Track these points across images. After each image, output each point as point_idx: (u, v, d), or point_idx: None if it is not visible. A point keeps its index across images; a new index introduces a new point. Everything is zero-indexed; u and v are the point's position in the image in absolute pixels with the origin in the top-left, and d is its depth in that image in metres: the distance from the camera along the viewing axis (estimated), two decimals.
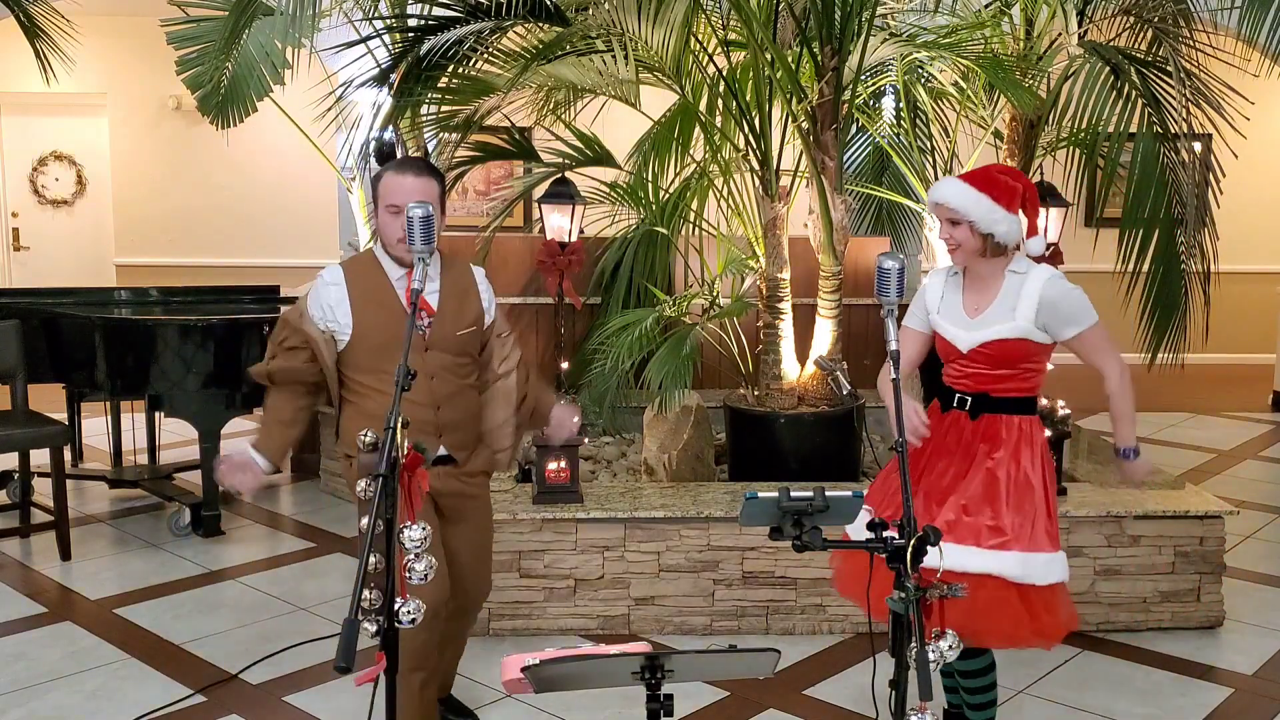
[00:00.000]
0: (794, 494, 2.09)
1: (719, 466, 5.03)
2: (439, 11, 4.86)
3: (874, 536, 2.09)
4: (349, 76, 5.26)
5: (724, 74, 4.84)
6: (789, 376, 4.74)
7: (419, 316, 2.83)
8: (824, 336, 4.70)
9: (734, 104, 4.75)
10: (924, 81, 5.36)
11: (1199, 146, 4.71)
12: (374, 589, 2.21)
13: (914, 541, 2.05)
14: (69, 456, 5.68)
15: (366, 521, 2.18)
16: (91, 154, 9.97)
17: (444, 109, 5.06)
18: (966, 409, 2.91)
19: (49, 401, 5.69)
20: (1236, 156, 4.61)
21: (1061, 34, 4.92)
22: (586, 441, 4.95)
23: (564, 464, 4.08)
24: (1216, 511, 4.11)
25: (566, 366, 5.48)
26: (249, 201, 9.67)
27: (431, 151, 5.42)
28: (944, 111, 5.69)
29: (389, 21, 5.41)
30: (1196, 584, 4.12)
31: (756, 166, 4.72)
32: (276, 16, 5.37)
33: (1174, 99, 4.59)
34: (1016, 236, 2.85)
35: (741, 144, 4.79)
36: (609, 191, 5.31)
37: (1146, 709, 3.55)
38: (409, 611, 2.23)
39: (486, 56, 4.89)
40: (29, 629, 4.14)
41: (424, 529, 2.29)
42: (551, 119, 5.17)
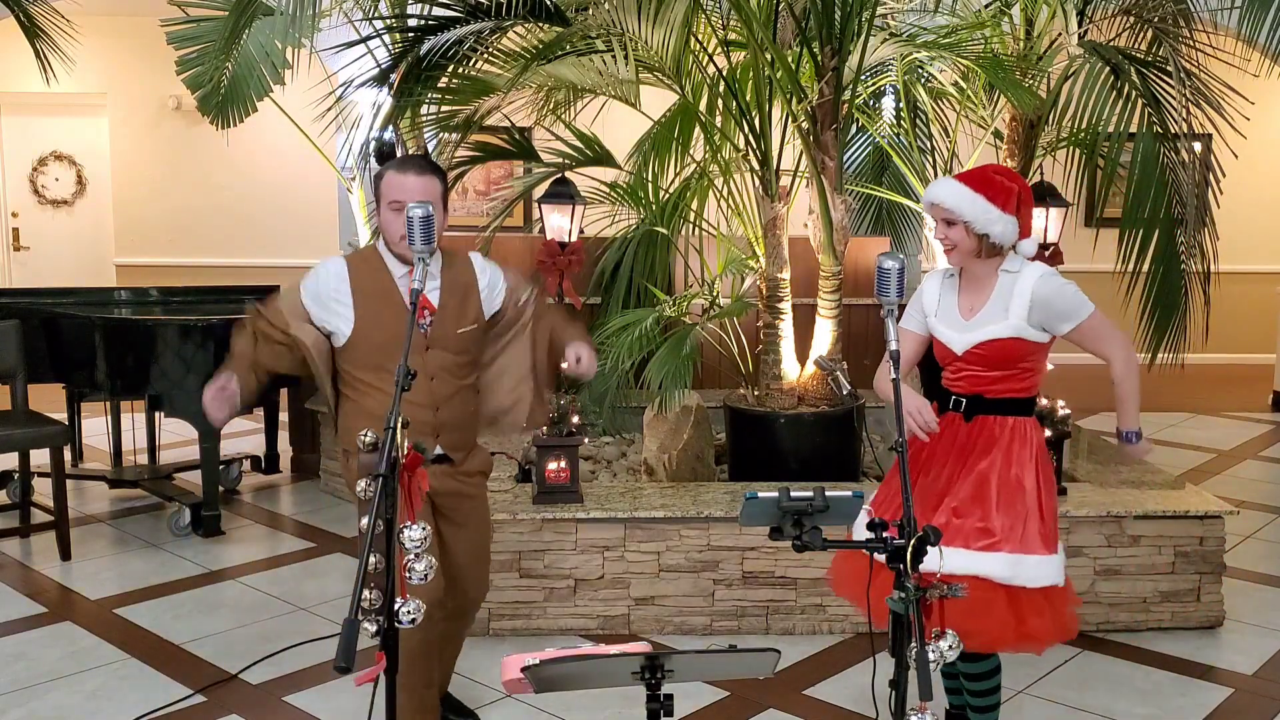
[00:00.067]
0: (794, 494, 2.09)
1: (719, 466, 5.03)
2: (439, 11, 4.86)
3: (874, 536, 2.09)
4: (349, 76, 5.26)
5: (724, 74, 4.84)
6: (789, 376, 4.75)
7: (420, 315, 2.83)
8: (824, 336, 4.70)
9: (734, 104, 4.75)
10: (924, 81, 5.36)
11: (1199, 146, 4.71)
12: (374, 589, 2.21)
13: (914, 541, 2.05)
14: (69, 456, 5.68)
15: (366, 521, 2.18)
16: (91, 154, 9.97)
17: (444, 109, 5.06)
18: (961, 410, 2.90)
19: (49, 401, 5.69)
20: (1236, 156, 4.61)
21: (1061, 34, 4.91)
22: (586, 441, 4.95)
23: (564, 464, 4.08)
24: (1216, 511, 4.11)
25: (566, 366, 5.47)
26: (249, 201, 9.67)
27: (431, 151, 5.42)
28: (944, 111, 5.69)
29: (389, 21, 5.41)
30: (1196, 584, 4.12)
31: (756, 166, 4.72)
32: (276, 16, 5.37)
33: (1174, 99, 4.59)
34: (1012, 237, 2.83)
35: (741, 144, 4.79)
36: (609, 191, 5.30)
37: (1146, 709, 3.55)
38: (409, 611, 2.23)
39: (486, 56, 4.89)
40: (29, 629, 4.15)
41: (424, 529, 2.29)
42: (551, 119, 5.17)
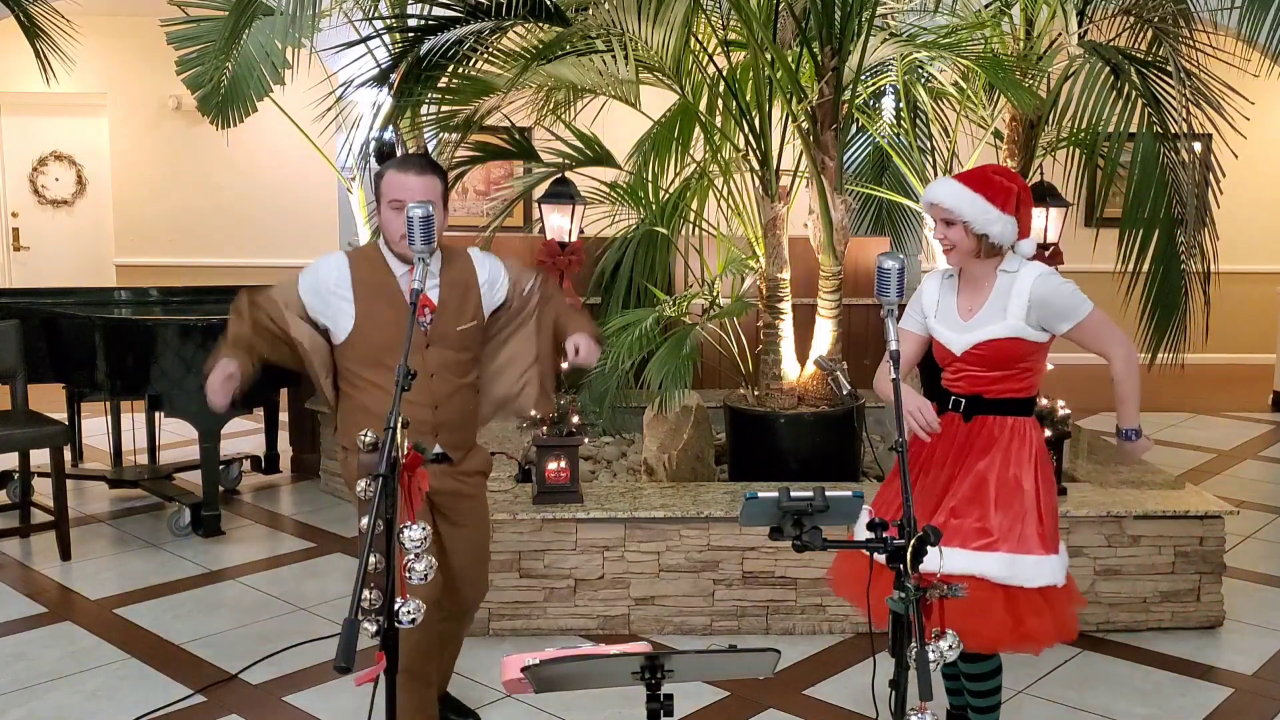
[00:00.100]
0: (794, 494, 2.09)
1: (719, 466, 5.03)
2: (439, 11, 4.86)
3: (874, 536, 2.09)
4: (349, 76, 5.26)
5: (724, 74, 4.84)
6: (789, 376, 4.75)
7: (420, 313, 2.83)
8: (824, 336, 4.70)
9: (734, 104, 4.75)
10: (924, 81, 5.36)
11: (1199, 146, 4.71)
12: (374, 589, 2.21)
13: (914, 541, 2.05)
14: (69, 456, 5.68)
15: (366, 521, 2.18)
16: (91, 154, 9.97)
17: (444, 109, 5.06)
18: (960, 411, 2.90)
19: (49, 401, 5.69)
20: (1236, 156, 4.61)
21: (1061, 34, 4.92)
22: (586, 441, 4.95)
23: (564, 464, 4.08)
24: (1216, 511, 4.11)
25: (566, 366, 5.47)
26: (249, 201, 9.67)
27: (431, 151, 5.42)
28: (944, 111, 5.69)
29: (389, 21, 5.41)
30: (1196, 584, 4.12)
31: (756, 166, 4.72)
32: (276, 16, 5.37)
33: (1174, 99, 4.59)
34: (1011, 237, 2.83)
35: (741, 144, 4.79)
36: (609, 191, 5.30)
37: (1146, 709, 3.55)
38: (409, 611, 2.23)
39: (486, 56, 4.89)
40: (29, 629, 4.15)
41: (424, 529, 2.29)
42: (551, 119, 5.17)
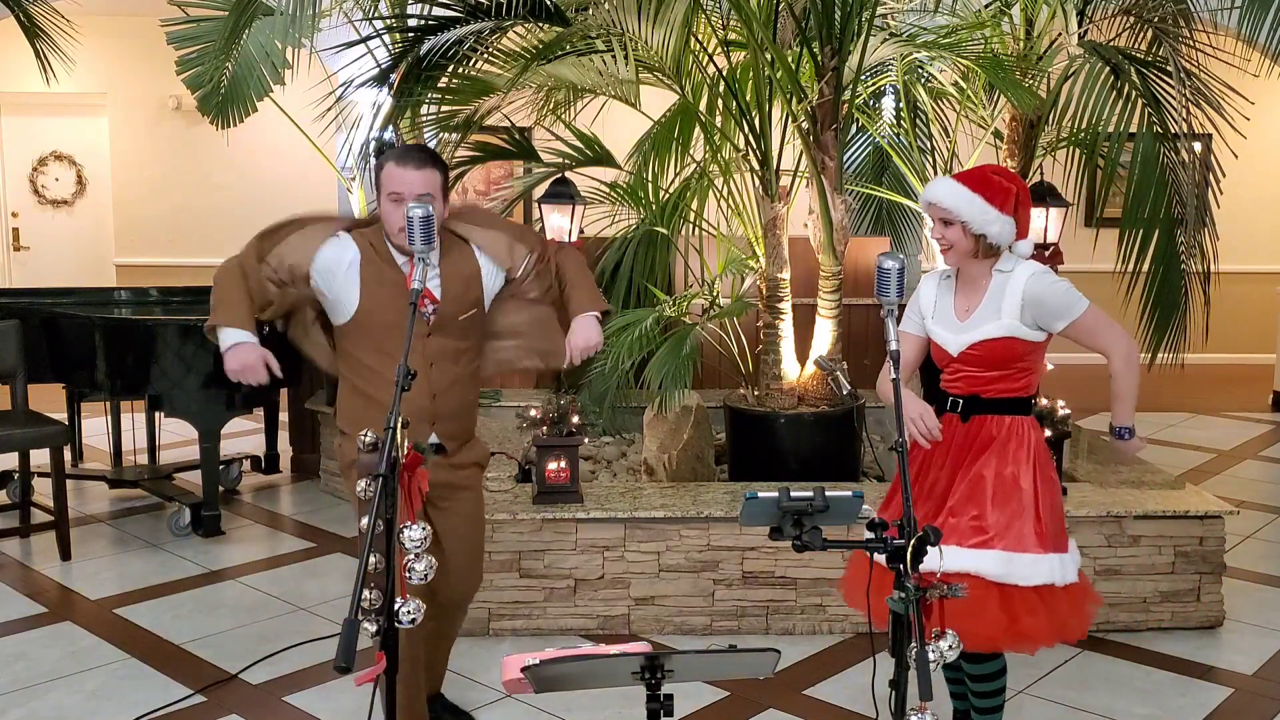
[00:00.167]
0: (794, 494, 2.09)
1: (719, 466, 5.03)
2: (439, 11, 4.86)
3: (874, 536, 2.09)
4: (349, 76, 5.26)
5: (724, 74, 4.84)
6: (789, 376, 4.75)
7: (421, 304, 2.82)
8: (824, 336, 4.70)
9: (734, 104, 4.76)
10: (924, 81, 5.36)
11: (1199, 146, 4.72)
12: (374, 589, 2.21)
13: (914, 541, 2.05)
14: (69, 456, 5.68)
15: (366, 521, 2.18)
16: (91, 154, 9.97)
17: (444, 109, 5.06)
18: (958, 411, 2.90)
19: (49, 401, 5.69)
20: (1236, 156, 4.61)
21: (1061, 34, 4.92)
22: (586, 441, 4.95)
23: (564, 464, 4.08)
24: (1216, 511, 4.11)
25: (566, 366, 5.47)
26: (249, 202, 9.65)
27: None
28: (944, 111, 5.69)
29: (389, 21, 5.41)
30: (1196, 584, 4.12)
31: (756, 166, 4.72)
32: (276, 16, 5.37)
33: (1174, 99, 4.59)
34: (1009, 238, 2.82)
35: (741, 144, 4.79)
36: (609, 191, 5.31)
37: (1146, 709, 3.55)
38: (409, 611, 2.24)
39: (486, 56, 4.89)
40: (29, 629, 4.14)
41: (424, 529, 2.29)
42: (551, 119, 5.17)
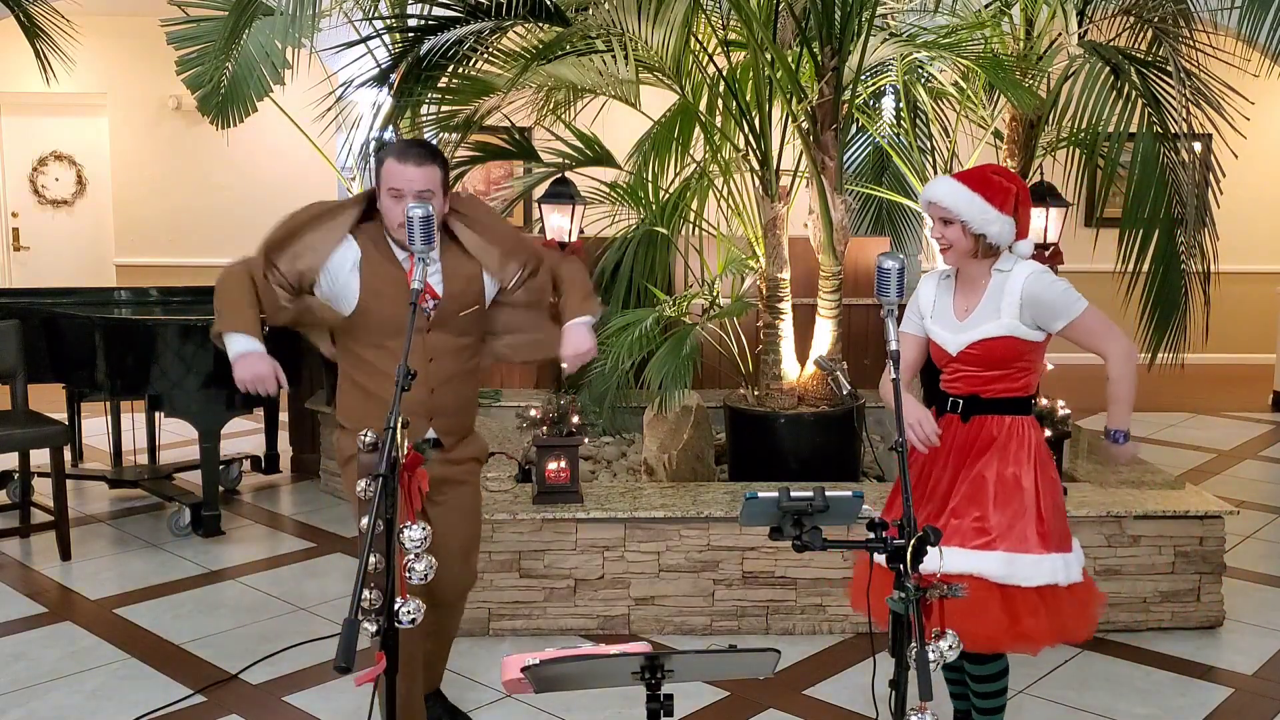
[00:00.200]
0: (794, 494, 2.09)
1: (719, 466, 5.03)
2: (439, 11, 4.87)
3: (874, 536, 2.09)
4: (349, 76, 5.26)
5: (724, 74, 4.84)
6: (789, 376, 4.75)
7: (422, 300, 2.81)
8: (824, 336, 4.70)
9: (734, 104, 4.76)
10: (924, 81, 5.36)
11: (1199, 146, 4.72)
12: (374, 589, 2.21)
13: (914, 541, 2.05)
14: (69, 456, 5.68)
15: (366, 521, 2.18)
16: (91, 154, 9.97)
17: (444, 109, 5.06)
18: (958, 412, 2.89)
19: (49, 401, 5.69)
20: (1236, 156, 4.61)
21: (1061, 34, 4.92)
22: (586, 441, 4.96)
23: (564, 464, 4.08)
24: (1216, 511, 4.11)
25: (565, 374, 5.48)
26: (249, 202, 9.66)
27: None
28: (944, 111, 5.69)
29: (389, 21, 5.41)
30: (1196, 584, 4.12)
31: (756, 166, 4.72)
32: (276, 16, 5.37)
33: (1174, 99, 4.59)
34: (1009, 238, 2.82)
35: (741, 144, 4.79)
36: (609, 191, 5.31)
37: (1146, 709, 3.55)
38: (409, 611, 2.24)
39: (486, 56, 4.89)
40: (29, 629, 4.14)
41: (424, 529, 2.29)
42: (551, 119, 5.17)
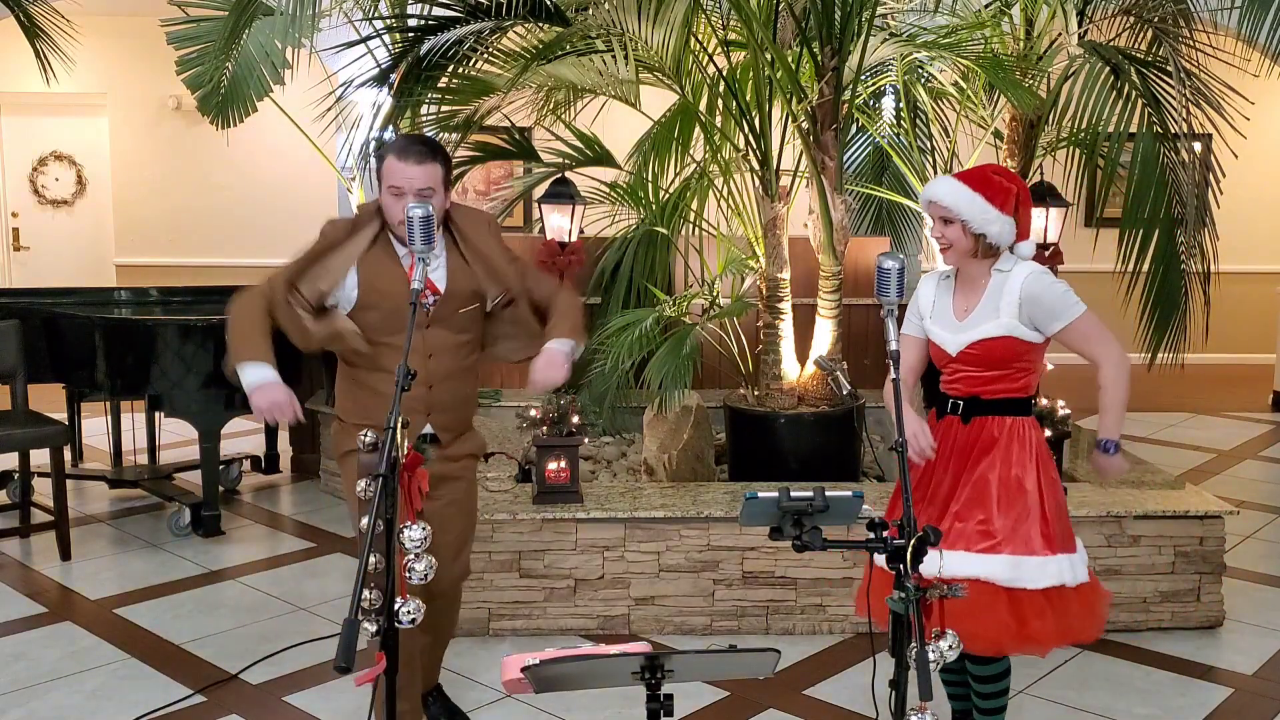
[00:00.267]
0: (794, 494, 2.09)
1: (719, 466, 5.03)
2: (439, 11, 4.87)
3: (874, 537, 2.09)
4: (349, 76, 5.26)
5: (724, 74, 4.84)
6: (789, 376, 4.75)
7: (423, 296, 2.81)
8: (824, 336, 4.70)
9: (734, 104, 4.76)
10: (924, 81, 5.36)
11: (1199, 146, 4.72)
12: (374, 589, 2.21)
13: (914, 541, 2.05)
14: (69, 456, 5.68)
15: (366, 521, 2.18)
16: (91, 154, 9.97)
17: (444, 109, 5.06)
18: (959, 413, 2.89)
19: (49, 401, 5.69)
20: (1236, 156, 4.61)
21: (1061, 34, 4.92)
22: (586, 441, 4.96)
23: (564, 464, 4.08)
24: (1216, 511, 4.11)
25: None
26: (249, 201, 9.67)
27: None
28: (944, 111, 5.69)
29: (389, 21, 5.41)
30: (1196, 584, 4.12)
31: (756, 166, 4.72)
32: (276, 16, 5.38)
33: (1174, 99, 4.59)
34: (1009, 238, 2.82)
35: (741, 144, 4.79)
36: (609, 191, 5.31)
37: (1146, 709, 3.55)
38: (409, 611, 2.24)
39: (486, 56, 4.89)
40: (29, 629, 4.14)
41: (424, 529, 2.29)
42: (551, 119, 5.17)
